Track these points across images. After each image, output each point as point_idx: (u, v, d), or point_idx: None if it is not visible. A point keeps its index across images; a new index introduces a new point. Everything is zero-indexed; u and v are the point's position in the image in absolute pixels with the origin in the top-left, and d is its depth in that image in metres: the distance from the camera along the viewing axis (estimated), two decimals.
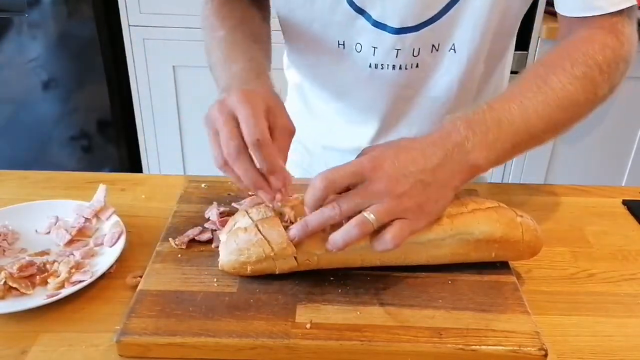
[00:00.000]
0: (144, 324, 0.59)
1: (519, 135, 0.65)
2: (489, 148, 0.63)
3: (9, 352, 0.59)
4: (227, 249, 0.64)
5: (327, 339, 0.58)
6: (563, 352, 0.61)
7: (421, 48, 0.80)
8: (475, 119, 0.64)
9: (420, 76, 0.83)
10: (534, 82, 0.68)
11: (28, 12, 1.83)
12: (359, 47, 0.81)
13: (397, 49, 0.79)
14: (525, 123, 0.65)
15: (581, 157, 2.11)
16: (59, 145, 2.08)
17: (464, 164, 0.63)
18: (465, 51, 0.80)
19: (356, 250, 0.64)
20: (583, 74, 0.68)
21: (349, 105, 0.91)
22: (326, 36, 0.82)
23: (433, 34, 0.78)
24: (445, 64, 0.82)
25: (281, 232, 0.62)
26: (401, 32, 0.77)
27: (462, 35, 0.78)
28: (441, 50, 0.80)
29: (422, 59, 0.81)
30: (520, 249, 0.68)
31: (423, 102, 0.87)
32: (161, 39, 1.86)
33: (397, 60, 0.80)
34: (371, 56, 0.81)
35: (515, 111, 0.65)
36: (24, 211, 0.78)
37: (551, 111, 0.66)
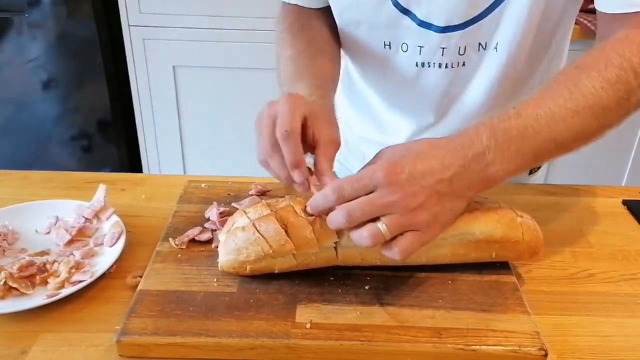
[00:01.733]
0: (144, 324, 0.59)
1: (543, 144, 0.63)
2: (510, 160, 0.61)
3: (9, 352, 0.59)
4: (226, 249, 0.64)
5: (327, 339, 0.58)
6: (563, 352, 0.61)
7: (467, 46, 0.80)
8: (500, 127, 0.62)
9: (465, 74, 0.84)
10: (565, 86, 0.65)
11: (28, 12, 1.83)
12: (405, 47, 0.82)
13: (442, 48, 0.80)
14: (552, 132, 0.62)
15: (581, 157, 2.11)
16: (59, 145, 2.08)
17: (482, 175, 0.61)
18: (507, 50, 0.80)
19: (356, 248, 0.64)
20: (617, 77, 0.64)
21: (394, 103, 0.93)
22: (372, 37, 0.83)
23: (479, 33, 0.79)
24: (488, 63, 0.82)
25: (278, 230, 0.63)
26: (447, 31, 0.78)
27: (505, 34, 0.78)
28: (487, 48, 0.81)
29: (469, 57, 0.81)
30: (520, 249, 0.68)
31: (465, 101, 0.87)
32: (161, 39, 1.86)
33: (444, 58, 0.81)
34: (417, 55, 0.82)
35: (542, 120, 0.62)
36: (24, 211, 0.78)
37: (580, 120, 0.63)
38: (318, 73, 0.79)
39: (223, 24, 1.79)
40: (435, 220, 0.60)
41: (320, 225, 0.63)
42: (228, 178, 0.87)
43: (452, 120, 0.90)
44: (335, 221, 0.59)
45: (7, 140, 2.08)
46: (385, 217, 0.58)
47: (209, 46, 1.83)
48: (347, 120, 1.03)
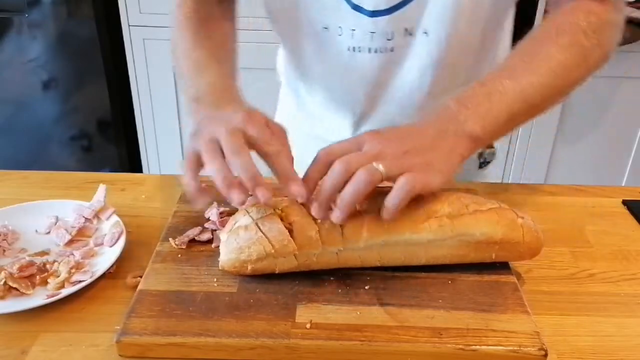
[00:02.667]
0: (144, 324, 0.59)
1: (514, 104, 0.67)
2: (483, 118, 0.66)
3: (9, 352, 0.59)
4: (227, 248, 0.64)
5: (327, 339, 0.58)
6: (563, 352, 0.61)
7: (394, 31, 0.81)
8: (465, 95, 0.67)
9: (394, 60, 0.84)
10: (525, 55, 0.71)
11: (28, 12, 1.83)
12: (339, 31, 0.82)
13: (372, 32, 0.81)
14: (520, 93, 0.67)
15: (581, 157, 2.11)
16: (59, 145, 2.09)
17: (462, 133, 0.65)
18: (437, 35, 0.81)
19: (356, 250, 0.64)
20: (569, 41, 0.71)
21: (331, 91, 0.93)
22: (312, 20, 0.84)
23: (405, 17, 0.79)
24: (418, 48, 0.83)
25: (281, 229, 0.63)
26: (375, 15, 0.79)
27: (432, 19, 0.80)
28: (414, 34, 0.81)
29: (396, 42, 0.82)
30: (520, 250, 0.68)
31: (398, 87, 0.88)
32: (161, 39, 1.86)
33: (373, 43, 0.82)
34: (350, 39, 0.82)
35: (507, 84, 0.68)
36: (24, 211, 0.78)
37: (544, 79, 0.69)
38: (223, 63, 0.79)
39: None
40: (430, 165, 0.62)
41: (327, 229, 0.63)
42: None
43: (387, 107, 0.90)
44: (334, 173, 0.60)
45: (7, 140, 2.08)
46: (378, 161, 0.60)
47: None
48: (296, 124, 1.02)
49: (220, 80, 0.75)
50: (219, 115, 0.66)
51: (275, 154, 0.62)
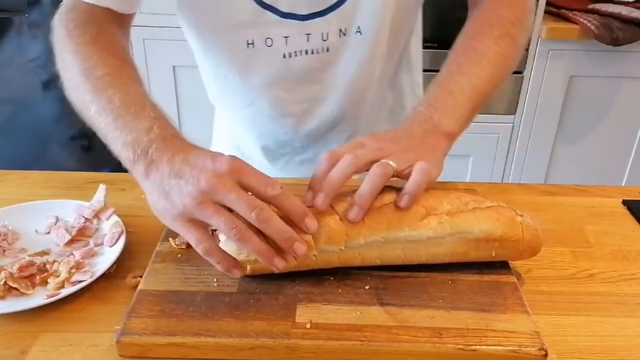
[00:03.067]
0: (144, 324, 0.59)
1: (472, 98, 0.75)
2: (453, 115, 0.73)
3: (9, 352, 0.59)
4: (226, 248, 0.64)
5: (327, 339, 0.58)
6: (563, 352, 0.61)
7: (330, 32, 0.83)
8: (431, 98, 0.74)
9: (330, 59, 0.86)
10: (465, 53, 0.79)
11: (28, 12, 1.83)
12: (269, 42, 0.83)
13: (307, 34, 0.83)
14: (474, 87, 0.76)
15: (581, 157, 2.11)
16: (59, 145, 2.09)
17: (440, 132, 0.71)
18: (370, 33, 0.84)
19: (356, 248, 0.64)
20: (501, 33, 0.80)
21: (267, 99, 0.92)
22: (234, 38, 0.83)
23: (339, 18, 0.82)
24: (354, 46, 0.85)
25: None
26: (309, 18, 0.81)
27: (365, 18, 0.82)
28: (348, 33, 0.84)
29: (331, 43, 0.84)
30: (520, 248, 0.68)
31: (336, 84, 0.90)
32: (161, 39, 1.86)
33: (309, 44, 0.84)
34: (284, 46, 0.83)
35: (462, 80, 0.76)
36: (24, 211, 0.78)
37: (489, 71, 0.77)
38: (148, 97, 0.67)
39: None
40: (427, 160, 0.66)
41: (331, 228, 0.63)
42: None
43: (326, 105, 0.92)
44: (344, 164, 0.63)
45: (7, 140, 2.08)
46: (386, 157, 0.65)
47: None
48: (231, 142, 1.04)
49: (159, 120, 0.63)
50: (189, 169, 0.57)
51: (281, 196, 0.57)
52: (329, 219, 0.63)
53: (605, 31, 1.78)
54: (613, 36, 1.77)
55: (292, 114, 0.94)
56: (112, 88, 0.65)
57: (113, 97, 0.64)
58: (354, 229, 0.64)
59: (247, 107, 0.95)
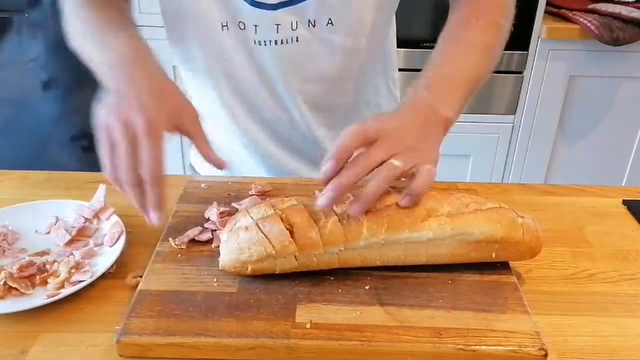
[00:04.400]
0: (144, 324, 0.59)
1: (465, 84, 0.77)
2: (449, 101, 0.74)
3: (9, 352, 0.59)
4: (228, 248, 0.64)
5: (327, 339, 0.58)
6: (563, 352, 0.61)
7: (299, 22, 0.83)
8: (429, 83, 0.75)
9: (300, 50, 0.86)
10: (453, 43, 0.81)
11: (28, 12, 1.83)
12: (242, 25, 0.84)
13: (277, 24, 0.83)
14: (466, 74, 0.78)
15: (581, 157, 2.11)
16: (59, 145, 2.08)
17: (439, 120, 0.72)
18: (343, 24, 0.84)
19: (356, 250, 0.64)
20: (487, 23, 0.82)
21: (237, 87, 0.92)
22: (209, 18, 0.84)
23: (308, 9, 0.82)
24: (324, 37, 0.86)
25: (282, 230, 0.63)
26: (278, 8, 0.81)
27: (337, 9, 0.83)
28: (318, 24, 0.84)
29: (300, 33, 0.84)
30: (520, 249, 0.68)
31: (307, 75, 0.90)
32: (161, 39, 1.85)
33: (278, 35, 0.84)
34: (253, 33, 0.84)
35: (453, 69, 0.78)
36: (24, 211, 0.78)
37: (478, 58, 0.80)
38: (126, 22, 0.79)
39: None
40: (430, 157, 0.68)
41: (329, 230, 0.63)
42: (228, 178, 0.87)
43: (297, 96, 0.91)
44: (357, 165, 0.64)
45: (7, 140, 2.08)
46: (393, 157, 0.64)
47: None
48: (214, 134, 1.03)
49: (133, 43, 0.73)
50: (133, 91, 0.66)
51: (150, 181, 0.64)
52: (327, 221, 0.63)
53: (605, 31, 1.78)
54: (613, 36, 1.77)
55: (263, 103, 0.93)
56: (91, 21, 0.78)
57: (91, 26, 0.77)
58: (353, 231, 0.64)
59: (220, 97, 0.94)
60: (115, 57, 0.70)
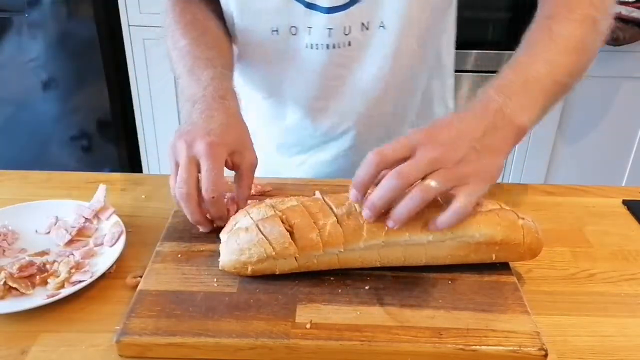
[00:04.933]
0: (144, 324, 0.59)
1: (548, 88, 0.68)
2: (527, 108, 0.66)
3: (9, 352, 0.59)
4: (228, 249, 0.64)
5: (327, 339, 0.58)
6: (563, 352, 0.61)
7: (352, 26, 0.82)
8: (503, 84, 0.67)
9: (352, 54, 0.85)
10: (544, 37, 0.71)
11: (28, 12, 1.83)
12: (294, 30, 0.83)
13: (329, 29, 0.82)
14: (551, 75, 0.68)
15: (581, 157, 2.11)
16: (59, 145, 2.09)
17: (510, 127, 0.64)
18: (395, 27, 0.82)
19: (356, 251, 0.64)
20: (582, 16, 0.72)
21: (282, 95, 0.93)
22: (259, 26, 0.84)
23: (361, 12, 0.81)
24: (376, 41, 0.84)
25: (282, 232, 0.63)
26: (332, 12, 0.80)
27: (388, 12, 0.81)
28: (371, 27, 0.83)
29: (353, 37, 0.83)
30: (520, 251, 0.68)
31: (357, 80, 0.88)
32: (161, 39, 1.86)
33: (330, 39, 0.83)
34: (307, 36, 0.83)
35: (539, 67, 0.68)
36: (24, 211, 0.78)
37: (568, 58, 0.70)
38: (218, 63, 0.80)
39: None
40: (480, 174, 0.62)
41: (329, 232, 0.63)
42: (227, 178, 0.87)
43: (346, 100, 0.91)
44: (387, 187, 0.59)
45: (7, 140, 2.08)
46: (432, 175, 0.60)
47: None
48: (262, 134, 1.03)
49: (218, 82, 0.76)
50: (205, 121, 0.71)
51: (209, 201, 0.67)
52: (326, 222, 0.63)
53: None
54: (613, 36, 1.77)
55: (310, 108, 0.93)
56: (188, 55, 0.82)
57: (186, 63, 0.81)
58: (353, 233, 0.63)
59: (266, 98, 0.95)
60: (199, 94, 0.75)
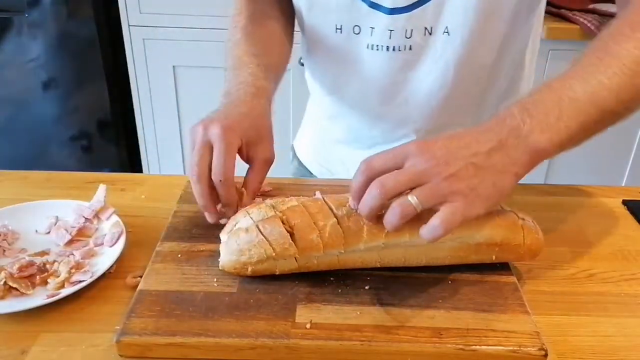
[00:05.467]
0: (144, 324, 0.59)
1: (585, 112, 0.59)
2: (550, 129, 0.58)
3: (9, 352, 0.59)
4: (228, 249, 0.64)
5: (327, 339, 0.58)
6: (563, 352, 0.61)
7: (414, 30, 0.80)
8: (531, 100, 0.60)
9: (413, 59, 0.84)
10: (594, 55, 0.63)
11: (28, 12, 1.83)
12: (357, 29, 0.83)
13: (390, 30, 0.80)
14: (591, 97, 0.60)
15: (581, 157, 2.11)
16: (59, 145, 2.08)
17: (524, 148, 0.58)
18: (460, 34, 0.80)
19: (356, 252, 0.64)
20: None
21: (346, 91, 0.93)
22: (324, 22, 0.84)
23: (424, 16, 0.79)
24: (439, 47, 0.82)
25: (282, 233, 0.62)
26: (394, 13, 0.79)
27: (454, 18, 0.78)
28: (434, 33, 0.80)
29: (415, 41, 0.81)
30: (520, 252, 0.67)
31: (417, 86, 0.86)
32: (161, 39, 1.86)
33: (391, 41, 0.81)
34: (369, 37, 0.82)
35: (577, 87, 0.60)
36: (24, 211, 0.78)
37: (619, 80, 0.60)
38: (263, 60, 0.81)
39: (223, 24, 1.78)
40: (474, 192, 0.56)
41: (329, 233, 0.63)
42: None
43: (405, 106, 0.89)
44: (370, 197, 0.57)
45: (7, 140, 2.08)
46: (415, 190, 0.56)
47: (209, 46, 1.83)
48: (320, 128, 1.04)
49: (254, 81, 0.78)
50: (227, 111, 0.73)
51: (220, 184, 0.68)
52: (326, 224, 0.63)
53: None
54: None
55: (369, 110, 0.92)
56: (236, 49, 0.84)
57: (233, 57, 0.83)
58: (354, 235, 0.63)
59: (328, 95, 0.96)
60: (233, 89, 0.77)
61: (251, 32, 0.86)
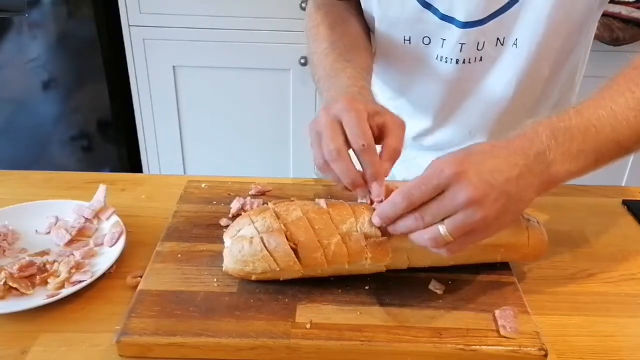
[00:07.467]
0: (144, 324, 0.59)
1: (605, 145, 0.60)
2: (571, 160, 0.59)
3: (9, 352, 0.59)
4: (232, 257, 0.63)
5: (327, 339, 0.58)
6: (563, 352, 0.61)
7: (486, 42, 0.80)
8: (560, 126, 0.59)
9: (481, 70, 0.84)
10: (626, 86, 0.62)
11: (28, 12, 1.83)
12: (427, 40, 0.83)
13: (461, 43, 0.80)
14: (614, 132, 0.60)
15: None
16: (59, 145, 2.08)
17: (544, 176, 0.58)
18: (527, 47, 0.80)
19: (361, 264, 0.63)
20: None
21: (409, 99, 0.93)
22: (393, 32, 0.84)
23: (498, 28, 0.79)
24: (507, 59, 0.82)
25: (287, 251, 0.61)
26: (467, 26, 0.79)
27: (525, 30, 0.79)
28: (505, 43, 0.81)
29: (486, 53, 0.82)
30: (525, 252, 0.68)
31: (481, 97, 0.87)
32: (161, 39, 1.86)
33: (462, 54, 0.82)
34: (439, 48, 0.83)
35: (604, 120, 0.60)
36: (24, 211, 0.78)
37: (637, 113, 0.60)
38: (356, 64, 0.79)
39: (223, 24, 1.79)
40: (497, 220, 0.56)
41: (333, 251, 0.62)
42: (228, 178, 0.87)
43: (467, 118, 0.90)
44: (405, 226, 0.58)
45: (7, 140, 2.08)
46: (448, 220, 0.55)
47: (209, 46, 1.83)
48: None
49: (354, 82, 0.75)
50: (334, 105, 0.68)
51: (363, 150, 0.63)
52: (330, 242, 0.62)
53: (605, 31, 1.77)
54: (613, 36, 1.77)
55: (433, 117, 0.92)
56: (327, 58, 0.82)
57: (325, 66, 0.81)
58: (358, 254, 0.62)
59: (393, 99, 0.96)
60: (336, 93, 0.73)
61: (336, 40, 0.84)
